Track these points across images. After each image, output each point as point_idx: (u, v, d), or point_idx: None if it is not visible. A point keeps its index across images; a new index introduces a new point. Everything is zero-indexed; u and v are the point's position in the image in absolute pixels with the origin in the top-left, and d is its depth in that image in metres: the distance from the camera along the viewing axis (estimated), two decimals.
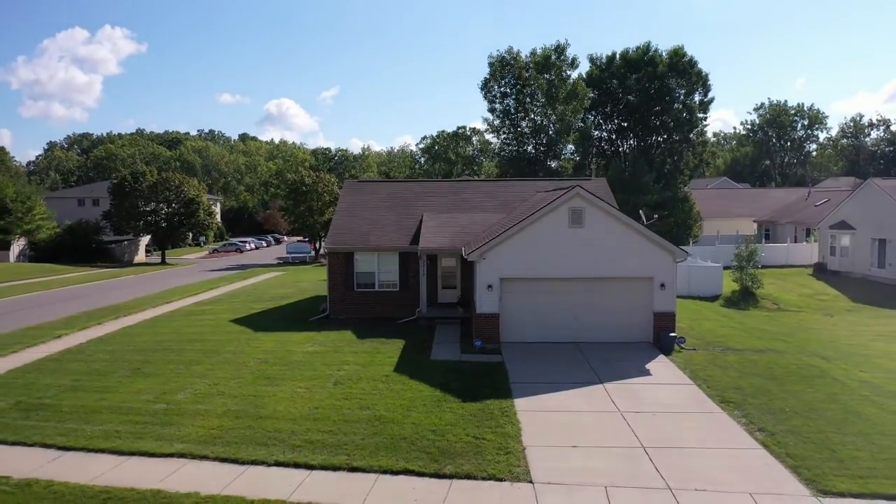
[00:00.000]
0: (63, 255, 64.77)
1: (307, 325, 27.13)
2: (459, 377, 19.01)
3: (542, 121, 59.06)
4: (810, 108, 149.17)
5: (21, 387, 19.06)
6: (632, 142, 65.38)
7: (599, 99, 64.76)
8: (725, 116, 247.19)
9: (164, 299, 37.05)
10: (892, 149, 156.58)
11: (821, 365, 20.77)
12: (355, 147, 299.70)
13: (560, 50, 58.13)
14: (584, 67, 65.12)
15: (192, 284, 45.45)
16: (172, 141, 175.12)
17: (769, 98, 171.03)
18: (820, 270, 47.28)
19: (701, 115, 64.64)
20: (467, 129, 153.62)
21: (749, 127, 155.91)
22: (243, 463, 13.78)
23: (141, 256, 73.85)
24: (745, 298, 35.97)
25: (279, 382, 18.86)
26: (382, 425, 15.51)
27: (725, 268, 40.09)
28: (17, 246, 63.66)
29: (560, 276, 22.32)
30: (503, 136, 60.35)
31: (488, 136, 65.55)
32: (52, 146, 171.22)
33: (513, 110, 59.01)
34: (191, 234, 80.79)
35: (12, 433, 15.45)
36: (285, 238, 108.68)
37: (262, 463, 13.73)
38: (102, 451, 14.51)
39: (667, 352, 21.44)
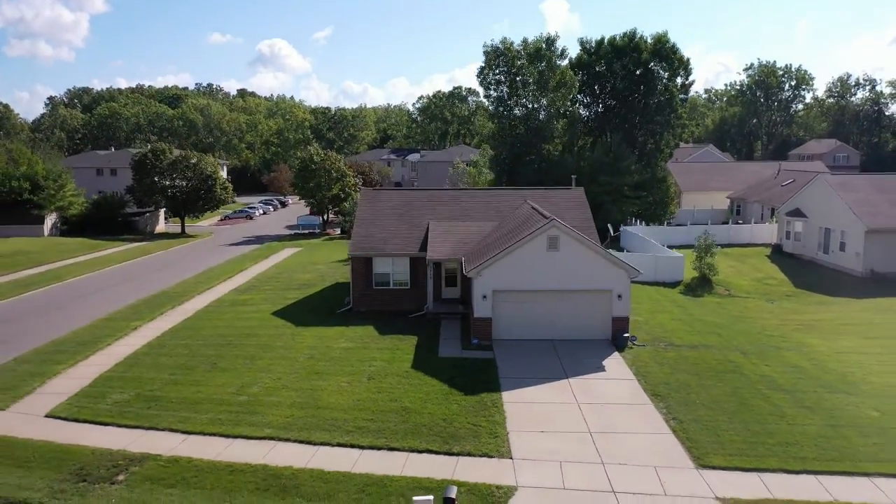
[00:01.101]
0: (91, 228, 70.47)
1: (336, 319, 33.34)
2: (461, 373, 25.27)
3: (533, 106, 64.11)
4: (798, 70, 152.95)
5: (132, 380, 25.25)
6: (617, 120, 70.44)
7: (588, 81, 69.75)
8: (727, 60, 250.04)
9: (205, 285, 43.15)
10: (876, 109, 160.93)
11: (737, 360, 27.09)
12: (350, 90, 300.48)
13: (550, 42, 62.75)
14: (575, 50, 69.78)
15: (221, 265, 51.49)
16: (173, 97, 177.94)
17: (759, 59, 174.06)
18: (777, 251, 53.61)
19: (681, 97, 69.67)
20: (463, 89, 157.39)
21: (738, 88, 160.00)
22: (315, 444, 20.06)
23: (161, 226, 79.50)
24: (702, 285, 42.18)
25: (326, 377, 25.09)
26: (408, 415, 21.81)
27: (688, 246, 46.52)
28: (50, 220, 69.23)
29: (540, 288, 28.42)
30: (496, 122, 65.42)
31: (487, 123, 70.26)
32: (54, 103, 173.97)
33: (506, 97, 64.00)
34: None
35: (145, 420, 21.70)
36: (289, 200, 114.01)
37: (328, 444, 20.03)
38: (214, 434, 20.78)
39: (621, 349, 27.78)
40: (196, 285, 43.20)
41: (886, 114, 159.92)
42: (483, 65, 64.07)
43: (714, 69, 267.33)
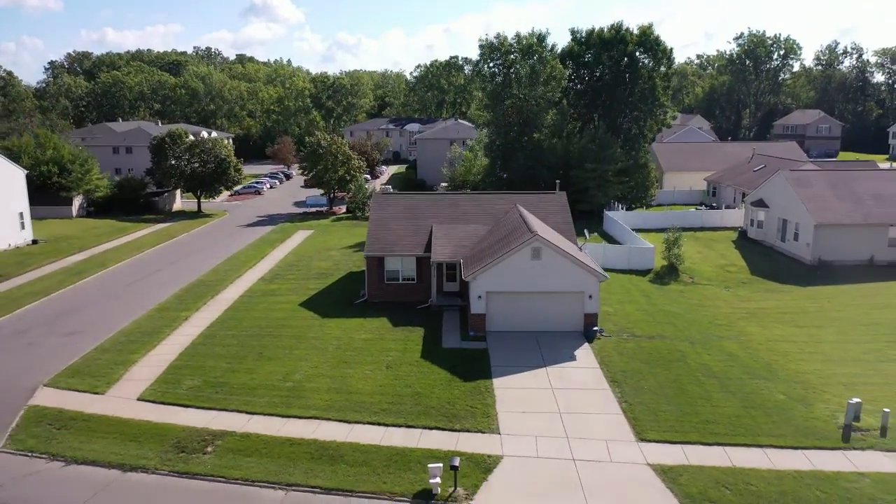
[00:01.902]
0: (115, 209, 76.07)
1: (355, 310, 39.47)
2: (461, 362, 31.50)
3: (525, 97, 69.22)
4: (786, 40, 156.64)
5: (197, 368, 31.41)
6: (604, 108, 75.61)
7: (577, 70, 74.82)
8: (727, 15, 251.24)
9: (235, 273, 49.20)
10: (862, 78, 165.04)
11: (684, 349, 33.38)
12: (344, 41, 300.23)
13: (541, 38, 67.59)
14: (566, 39, 74.51)
15: (244, 251, 57.44)
16: (173, 64, 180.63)
17: (749, 28, 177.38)
18: (742, 237, 59.82)
19: (663, 85, 74.63)
20: (459, 58, 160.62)
21: (728, 57, 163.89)
22: (350, 423, 26.32)
23: (178, 205, 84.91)
24: (669, 273, 48.37)
25: (353, 366, 31.31)
26: (419, 398, 28.08)
27: (663, 229, 52.84)
28: (77, 201, 74.69)
29: (525, 290, 34.56)
30: (491, 112, 70.61)
31: (483, 114, 75.45)
32: (57, 70, 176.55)
33: (500, 89, 69.08)
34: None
35: (216, 403, 27.90)
36: (293, 172, 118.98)
37: (361, 423, 26.30)
38: (271, 415, 27.02)
39: (590, 340, 34.07)
40: (227, 273, 49.18)
41: (872, 82, 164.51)
42: (479, 58, 69.02)
43: (712, 27, 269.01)
